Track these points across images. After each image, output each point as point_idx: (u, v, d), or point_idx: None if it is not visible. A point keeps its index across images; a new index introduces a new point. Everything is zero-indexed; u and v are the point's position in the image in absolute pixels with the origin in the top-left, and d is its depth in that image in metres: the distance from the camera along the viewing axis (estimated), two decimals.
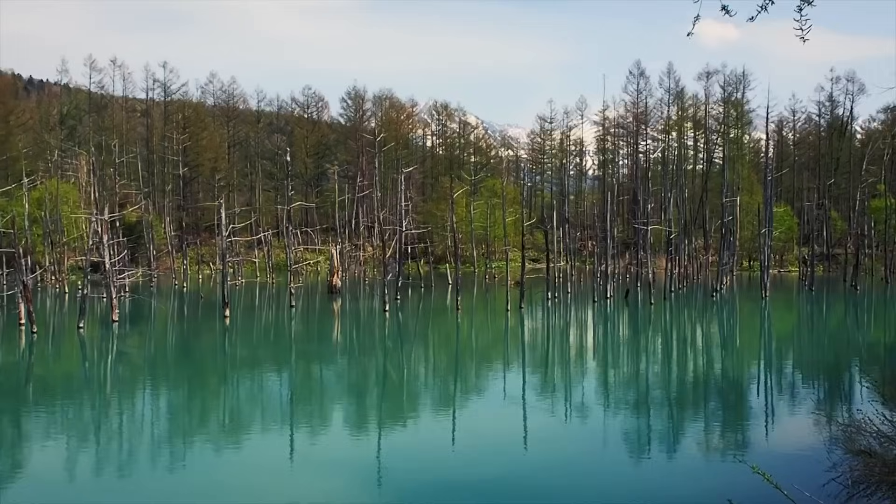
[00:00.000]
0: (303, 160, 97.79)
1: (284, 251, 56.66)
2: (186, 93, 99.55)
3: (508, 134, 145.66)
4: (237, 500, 11.86)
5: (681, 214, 58.28)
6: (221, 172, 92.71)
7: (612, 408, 18.75)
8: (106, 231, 36.92)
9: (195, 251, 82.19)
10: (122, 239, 54.42)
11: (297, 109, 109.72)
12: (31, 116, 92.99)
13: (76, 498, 12.07)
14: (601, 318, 40.32)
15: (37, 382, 23.31)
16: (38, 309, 37.41)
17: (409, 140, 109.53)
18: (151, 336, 34.47)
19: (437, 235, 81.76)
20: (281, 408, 19.23)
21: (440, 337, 34.75)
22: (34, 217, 61.83)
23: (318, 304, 47.68)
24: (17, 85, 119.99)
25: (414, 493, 12.15)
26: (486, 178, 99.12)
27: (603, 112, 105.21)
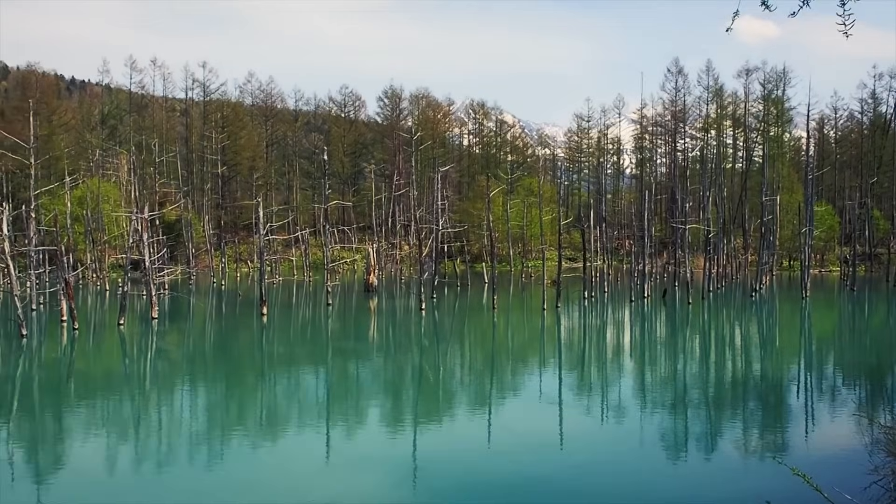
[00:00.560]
0: (340, 159, 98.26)
1: (321, 249, 57.02)
2: (225, 92, 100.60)
3: (545, 132, 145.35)
4: (274, 497, 11.93)
5: (719, 213, 57.71)
6: (259, 171, 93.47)
7: (650, 408, 18.60)
8: (146, 229, 37.37)
9: (233, 249, 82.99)
10: (161, 237, 55.08)
11: (335, 108, 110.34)
12: (73, 116, 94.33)
13: (116, 493, 12.23)
14: (638, 318, 40.03)
15: (78, 378, 23.66)
16: (79, 306, 37.97)
17: (446, 139, 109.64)
18: (190, 333, 34.84)
19: (474, 234, 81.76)
20: (317, 405, 19.33)
21: (476, 336, 34.72)
22: (76, 215, 62.75)
23: (354, 303, 47.87)
24: (60, 85, 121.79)
25: (449, 491, 12.15)
26: (523, 176, 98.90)
27: (641, 110, 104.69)
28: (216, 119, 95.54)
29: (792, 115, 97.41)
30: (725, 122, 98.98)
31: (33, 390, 21.50)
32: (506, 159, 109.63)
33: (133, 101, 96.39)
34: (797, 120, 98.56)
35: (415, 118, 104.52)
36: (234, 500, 11.79)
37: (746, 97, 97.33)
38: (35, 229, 38.84)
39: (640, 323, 38.57)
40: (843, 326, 38.81)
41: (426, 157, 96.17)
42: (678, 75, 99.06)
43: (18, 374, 23.74)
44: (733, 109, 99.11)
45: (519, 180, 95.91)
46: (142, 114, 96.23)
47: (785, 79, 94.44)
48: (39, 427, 17.17)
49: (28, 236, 38.01)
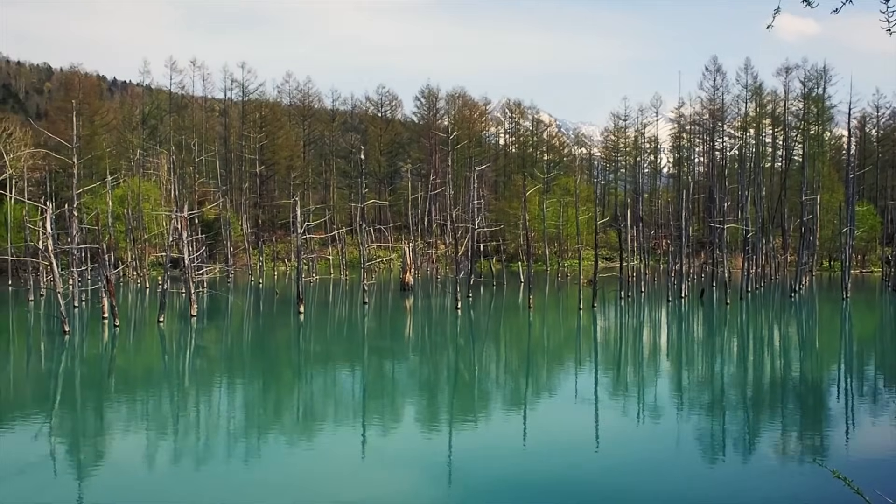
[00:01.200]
0: (376, 158, 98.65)
1: (358, 248, 57.23)
2: (263, 93, 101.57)
3: (582, 132, 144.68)
4: (311, 495, 12.03)
5: (758, 213, 57.04)
6: (297, 170, 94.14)
7: (686, 409, 18.46)
8: (185, 228, 37.81)
9: (271, 248, 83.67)
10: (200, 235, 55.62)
11: (371, 108, 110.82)
12: (115, 116, 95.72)
13: (155, 488, 12.40)
14: (675, 318, 39.73)
15: (119, 374, 24.01)
16: (120, 303, 38.51)
17: (482, 138, 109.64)
18: (228, 331, 35.20)
19: (510, 233, 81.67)
20: (353, 404, 19.44)
21: (512, 335, 34.67)
22: (117, 214, 63.68)
23: (390, 301, 48.02)
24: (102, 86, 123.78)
25: (484, 491, 12.16)
26: (559, 175, 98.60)
27: (678, 109, 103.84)
28: (254, 119, 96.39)
29: (833, 113, 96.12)
30: (764, 121, 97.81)
31: (75, 386, 21.86)
32: (542, 158, 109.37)
33: (173, 101, 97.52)
34: (838, 118, 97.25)
35: (451, 117, 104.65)
36: (270, 497, 11.89)
37: (786, 95, 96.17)
38: (77, 228, 39.44)
39: (677, 323, 38.28)
40: (885, 328, 38.18)
41: (462, 156, 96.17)
42: (716, 74, 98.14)
43: (61, 370, 24.16)
44: (773, 108, 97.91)
45: (555, 179, 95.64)
46: (181, 114, 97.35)
47: (825, 76, 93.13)
48: (81, 422, 17.46)
49: (71, 234, 38.60)
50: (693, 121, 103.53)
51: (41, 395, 20.52)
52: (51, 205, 34.05)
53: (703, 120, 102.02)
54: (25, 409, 18.90)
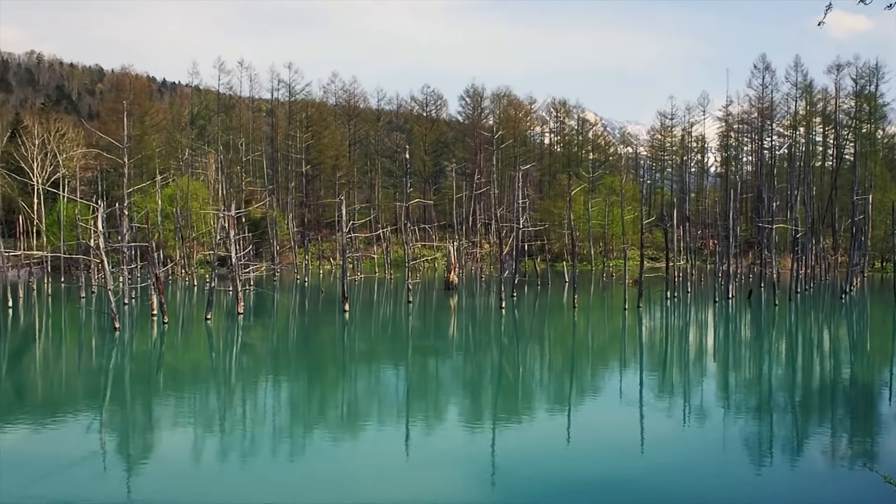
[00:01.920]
0: (421, 158, 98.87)
1: (402, 247, 57.44)
2: (310, 93, 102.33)
3: (628, 131, 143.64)
4: (354, 492, 12.10)
5: (808, 213, 56.08)
6: (342, 170, 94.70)
7: (733, 411, 18.25)
8: (232, 226, 38.25)
9: (316, 247, 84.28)
10: (247, 234, 56.28)
11: (416, 107, 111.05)
12: (164, 117, 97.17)
13: (201, 483, 12.58)
14: (722, 319, 39.26)
15: (167, 370, 24.38)
16: (169, 300, 39.08)
17: (527, 137, 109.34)
18: (274, 328, 35.53)
19: (554, 233, 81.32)
20: (397, 402, 19.52)
21: (556, 335, 34.54)
22: (166, 213, 64.59)
23: (434, 300, 48.12)
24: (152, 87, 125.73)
25: (527, 490, 12.14)
26: (605, 175, 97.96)
27: (726, 107, 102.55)
28: (301, 119, 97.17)
29: (885, 111, 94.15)
30: (815, 119, 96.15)
31: (125, 381, 22.24)
32: (587, 158, 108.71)
33: (221, 101, 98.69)
34: (891, 116, 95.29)
35: (496, 117, 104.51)
36: (315, 494, 12.00)
37: (837, 93, 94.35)
38: (128, 226, 40.15)
39: (723, 324, 37.83)
40: None
41: (507, 155, 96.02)
42: (765, 72, 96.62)
43: (111, 366, 24.60)
44: (823, 106, 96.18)
45: (601, 179, 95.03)
46: (229, 114, 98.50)
47: (878, 74, 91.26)
48: (130, 417, 17.77)
49: (121, 233, 39.30)
50: (741, 119, 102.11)
51: (92, 390, 20.92)
52: (102, 204, 34.67)
53: (751, 118, 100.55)
54: (77, 403, 19.30)
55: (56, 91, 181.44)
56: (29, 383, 22.24)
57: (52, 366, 25.37)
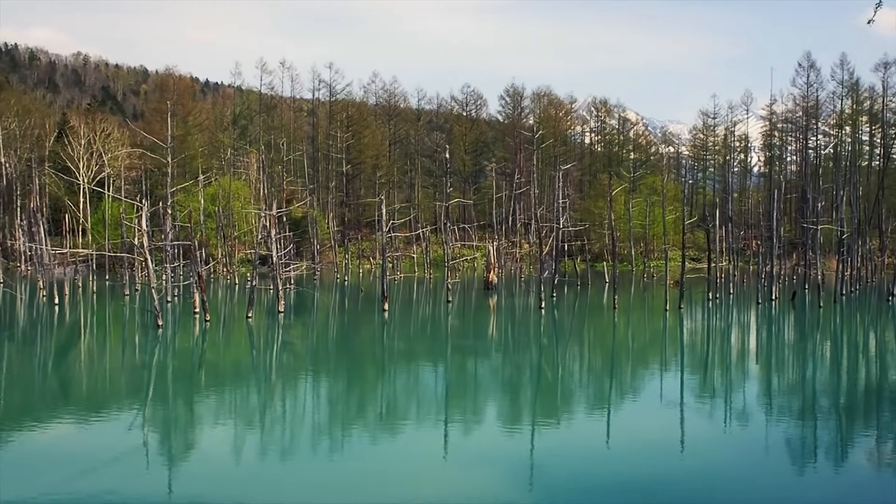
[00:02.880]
0: (461, 157, 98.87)
1: (442, 247, 57.46)
2: (350, 93, 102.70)
3: (669, 130, 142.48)
4: (392, 491, 12.13)
5: (854, 213, 55.10)
6: (382, 169, 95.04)
7: (776, 414, 17.98)
8: (274, 226, 38.55)
9: (356, 246, 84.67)
10: (288, 233, 56.71)
11: (456, 107, 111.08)
12: (207, 117, 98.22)
13: (240, 479, 12.69)
14: (765, 321, 38.74)
15: (209, 368, 24.66)
16: (211, 298, 39.52)
17: (567, 137, 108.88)
18: (314, 327, 35.75)
19: (595, 233, 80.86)
20: (436, 401, 19.52)
21: (596, 335, 34.34)
22: (208, 212, 65.23)
23: (473, 300, 48.08)
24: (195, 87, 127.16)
25: (566, 491, 12.07)
26: (646, 175, 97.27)
27: (770, 106, 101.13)
28: (341, 119, 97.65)
29: None
30: (861, 118, 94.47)
31: (167, 378, 22.52)
32: (628, 157, 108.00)
33: (263, 101, 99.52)
34: None
35: (536, 116, 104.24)
36: (353, 492, 12.04)
37: (885, 91, 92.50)
38: (171, 225, 40.66)
39: (766, 326, 37.33)
40: None
41: (547, 155, 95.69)
42: (810, 70, 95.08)
43: (154, 363, 24.94)
44: (870, 105, 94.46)
45: (642, 179, 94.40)
46: (271, 114, 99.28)
47: None
48: (172, 414, 17.98)
49: (164, 231, 39.84)
50: (785, 118, 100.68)
51: (135, 386, 21.21)
52: (146, 203, 35.12)
53: (795, 117, 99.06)
54: (120, 399, 19.58)
55: (102, 92, 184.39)
56: (74, 379, 22.62)
57: (97, 362, 25.77)
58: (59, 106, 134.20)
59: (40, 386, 21.41)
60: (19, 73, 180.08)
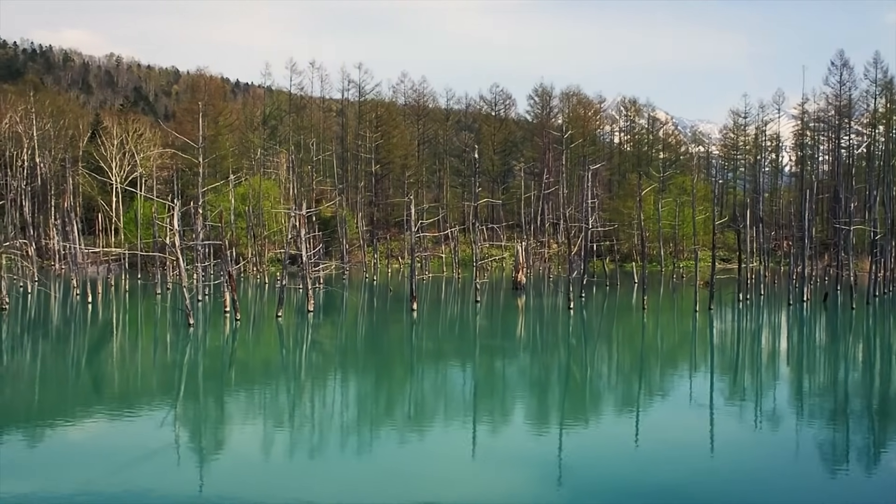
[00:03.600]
0: (490, 157, 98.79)
1: (470, 247, 57.50)
2: (379, 93, 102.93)
3: (699, 129, 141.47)
4: (420, 490, 12.19)
5: (888, 213, 54.42)
6: (411, 169, 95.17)
7: (807, 417, 17.85)
8: (303, 225, 38.77)
9: (385, 245, 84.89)
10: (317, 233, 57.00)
11: (485, 107, 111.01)
12: (238, 117, 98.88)
13: (269, 476, 12.80)
14: (796, 322, 38.38)
15: (239, 366, 24.88)
16: (241, 297, 39.82)
17: (596, 136, 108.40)
18: (343, 326, 35.92)
19: (624, 233, 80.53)
20: (464, 401, 19.56)
21: (625, 336, 34.21)
22: (239, 211, 65.70)
23: (502, 300, 48.06)
24: (226, 88, 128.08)
25: (595, 492, 12.08)
26: (675, 174, 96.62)
27: (802, 105, 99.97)
28: (370, 119, 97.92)
29: None
30: (895, 117, 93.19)
31: (198, 376, 22.77)
32: (658, 157, 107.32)
33: (293, 102, 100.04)
34: None
35: (565, 116, 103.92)
36: (381, 491, 12.11)
37: None
38: (202, 224, 41.01)
39: (797, 328, 36.99)
40: None
41: (576, 154, 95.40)
42: (843, 68, 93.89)
43: (185, 361, 25.21)
44: None
45: (671, 178, 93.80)
46: (300, 114, 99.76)
47: None
48: (202, 411, 18.20)
49: (196, 231, 40.20)
50: (817, 117, 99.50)
51: (167, 384, 21.45)
52: (177, 202, 35.48)
53: (828, 117, 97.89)
54: (152, 397, 19.82)
55: (134, 92, 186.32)
56: (107, 376, 22.92)
57: (129, 360, 26.08)
58: (93, 106, 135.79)
59: (74, 383, 21.74)
60: (53, 75, 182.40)
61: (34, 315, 38.20)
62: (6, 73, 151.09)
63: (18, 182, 75.68)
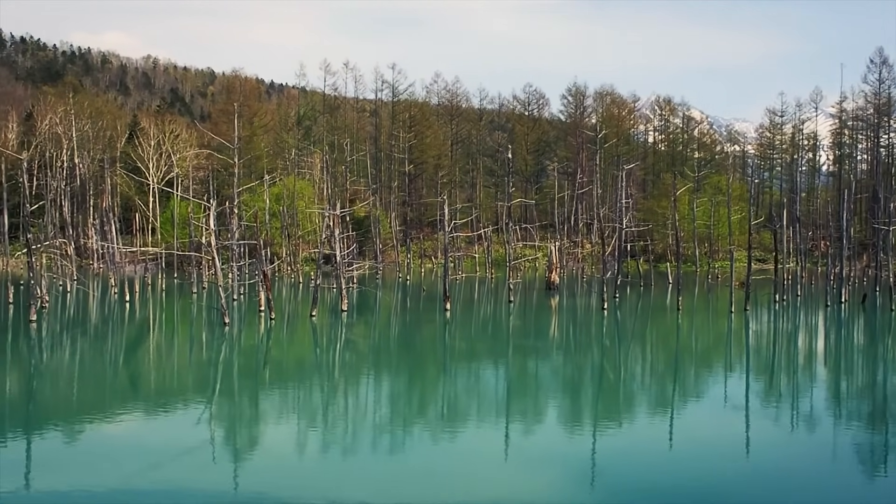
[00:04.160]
0: (523, 157, 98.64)
1: (503, 247, 57.41)
2: (413, 93, 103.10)
3: (735, 128, 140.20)
4: (452, 490, 12.21)
5: None
6: (444, 169, 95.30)
7: (844, 420, 17.61)
8: (337, 225, 38.97)
9: (418, 245, 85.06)
10: (351, 233, 57.30)
11: (518, 107, 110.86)
12: (272, 118, 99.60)
13: (302, 474, 12.92)
14: (834, 324, 37.89)
15: (273, 365, 25.08)
16: (275, 297, 40.10)
17: (630, 136, 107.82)
18: (376, 326, 36.07)
19: (658, 233, 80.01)
20: (497, 401, 19.55)
21: (659, 337, 33.98)
22: (273, 211, 66.15)
23: (535, 300, 47.97)
24: (260, 89, 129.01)
25: (628, 493, 12.01)
26: (711, 174, 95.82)
27: (840, 104, 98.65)
28: (404, 119, 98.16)
29: None
30: None
31: (233, 375, 22.99)
32: (692, 156, 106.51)
33: (326, 102, 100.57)
34: None
35: (599, 115, 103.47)
36: (412, 490, 12.15)
37: None
38: (237, 224, 41.35)
39: (835, 329, 36.51)
40: None
41: (610, 154, 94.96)
42: (882, 66, 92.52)
43: (221, 360, 25.46)
44: None
45: (706, 178, 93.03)
46: (334, 114, 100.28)
47: None
48: (237, 409, 18.37)
49: (231, 231, 40.53)
50: (856, 116, 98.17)
51: (202, 382, 21.69)
52: (213, 202, 35.81)
53: (866, 115, 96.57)
54: (188, 395, 20.04)
55: (170, 93, 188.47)
56: (144, 374, 23.21)
57: (166, 358, 26.42)
58: (130, 108, 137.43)
59: (112, 380, 22.06)
60: (92, 77, 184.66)
61: (73, 313, 38.80)
62: (46, 76, 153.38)
63: (58, 182, 76.94)
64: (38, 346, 27.31)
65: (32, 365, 24.09)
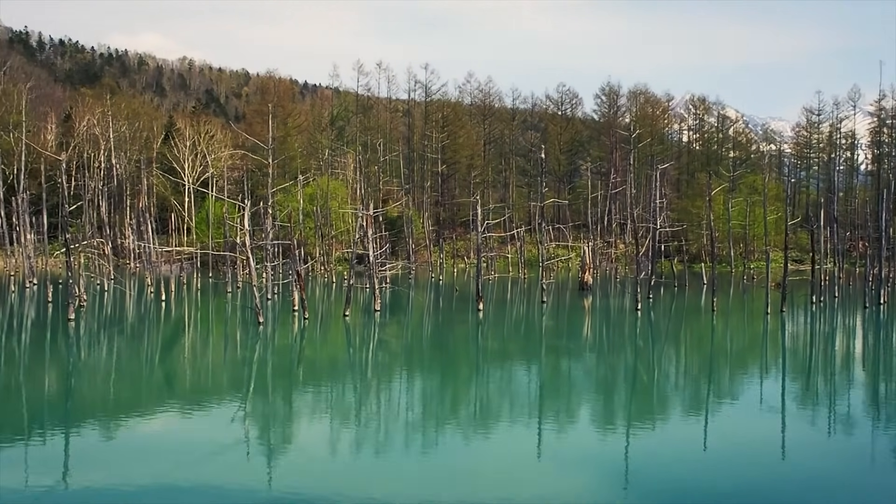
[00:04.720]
0: (556, 157, 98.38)
1: (536, 247, 57.26)
2: (446, 93, 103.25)
3: (771, 127, 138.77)
4: (484, 490, 12.20)
5: None
6: (477, 169, 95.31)
7: (883, 423, 17.35)
8: (370, 225, 39.10)
9: (451, 245, 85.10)
10: (384, 233, 57.45)
11: (551, 106, 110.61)
12: (306, 118, 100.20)
13: (335, 472, 12.96)
14: (872, 326, 37.35)
15: (307, 364, 25.22)
16: (309, 296, 40.33)
17: (665, 135, 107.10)
18: (409, 326, 36.13)
19: (692, 233, 79.41)
20: (529, 401, 19.51)
21: (693, 338, 33.72)
22: (307, 211, 66.59)
23: (568, 301, 47.80)
24: (294, 89, 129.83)
25: (661, 494, 11.93)
26: (746, 174, 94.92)
27: (878, 101, 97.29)
28: (437, 119, 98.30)
29: None
30: None
31: (267, 374, 23.16)
32: (727, 156, 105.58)
33: (360, 102, 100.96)
34: None
35: (632, 115, 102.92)
36: (445, 489, 12.16)
37: None
38: (271, 224, 41.66)
39: (873, 331, 35.98)
40: None
41: (644, 154, 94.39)
42: None
43: (255, 359, 25.65)
44: None
45: (742, 178, 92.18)
46: (367, 115, 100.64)
47: None
48: (271, 408, 18.50)
49: (265, 231, 40.85)
50: (895, 114, 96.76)
51: (237, 381, 21.86)
52: (248, 202, 36.11)
53: None
54: (223, 393, 20.22)
55: (205, 94, 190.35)
56: (179, 373, 23.46)
57: (201, 357, 26.68)
58: (166, 109, 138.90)
59: (148, 378, 22.32)
60: (129, 78, 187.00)
61: (110, 312, 39.30)
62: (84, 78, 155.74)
63: (95, 183, 78.03)
64: (76, 344, 27.70)
65: (71, 363, 24.43)
